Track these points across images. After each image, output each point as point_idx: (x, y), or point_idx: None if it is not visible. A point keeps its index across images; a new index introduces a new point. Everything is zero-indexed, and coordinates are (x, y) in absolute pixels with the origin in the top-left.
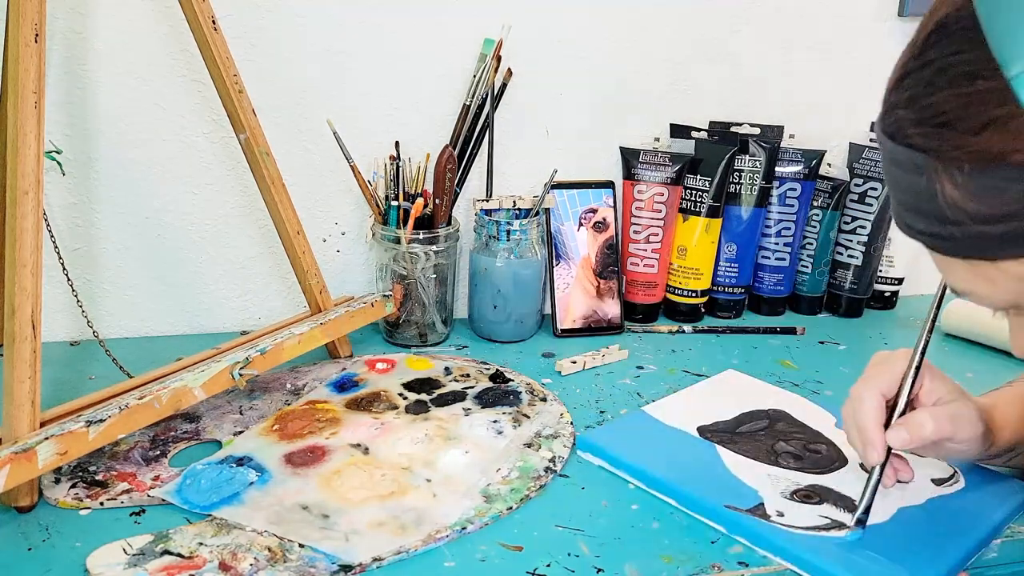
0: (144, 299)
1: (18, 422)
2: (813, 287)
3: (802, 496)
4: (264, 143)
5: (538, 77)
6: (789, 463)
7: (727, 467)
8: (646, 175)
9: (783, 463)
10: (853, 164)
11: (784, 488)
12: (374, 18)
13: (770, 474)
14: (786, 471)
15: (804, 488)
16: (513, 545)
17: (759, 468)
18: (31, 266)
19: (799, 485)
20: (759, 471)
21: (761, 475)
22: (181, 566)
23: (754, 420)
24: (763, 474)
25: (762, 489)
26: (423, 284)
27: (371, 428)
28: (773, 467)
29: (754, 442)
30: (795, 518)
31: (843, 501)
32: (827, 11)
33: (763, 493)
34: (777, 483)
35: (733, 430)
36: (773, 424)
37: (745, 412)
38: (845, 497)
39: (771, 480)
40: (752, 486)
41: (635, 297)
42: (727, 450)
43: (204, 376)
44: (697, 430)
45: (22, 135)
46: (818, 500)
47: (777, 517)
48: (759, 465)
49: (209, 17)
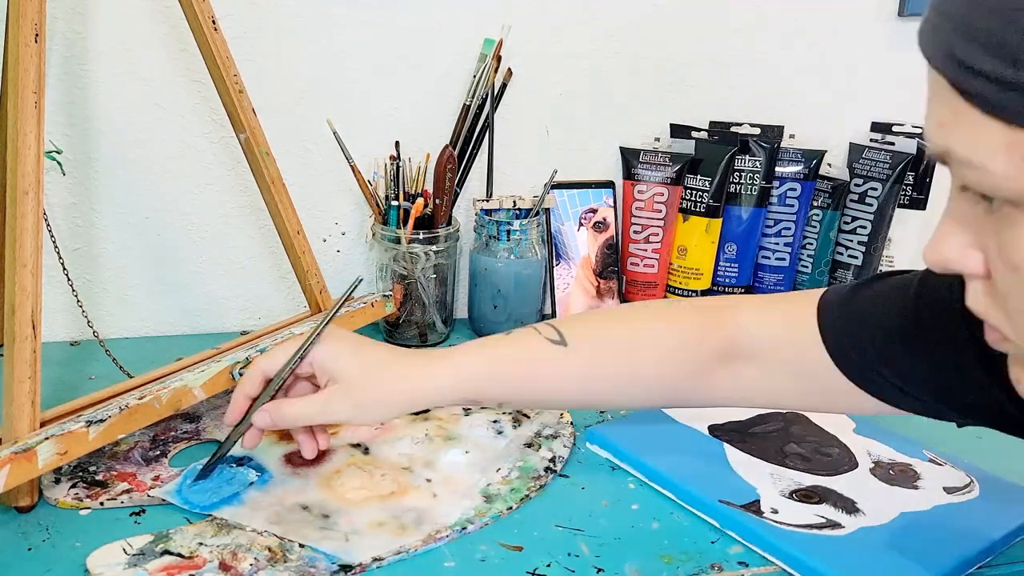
0: (144, 299)
1: (18, 422)
2: (813, 287)
3: (801, 496)
4: (264, 143)
5: (538, 77)
6: (796, 464)
7: (731, 464)
8: (646, 175)
9: (790, 463)
10: (853, 164)
11: (784, 487)
12: (374, 18)
13: (773, 473)
14: (790, 471)
15: (805, 488)
16: (513, 545)
17: (763, 467)
18: (31, 266)
19: (800, 485)
20: (763, 470)
21: (764, 474)
22: (181, 566)
23: (769, 422)
24: (766, 473)
25: (761, 487)
26: (423, 284)
27: (371, 428)
28: (778, 467)
29: (764, 442)
30: (789, 516)
31: (844, 502)
32: (827, 11)
33: (761, 490)
34: (778, 482)
35: (745, 430)
36: (788, 426)
37: (761, 414)
38: (847, 499)
39: (773, 479)
40: (752, 483)
41: (635, 297)
42: (735, 448)
43: (204, 376)
44: (708, 428)
45: (22, 135)
46: (818, 500)
47: (771, 514)
48: (764, 464)
49: (209, 17)
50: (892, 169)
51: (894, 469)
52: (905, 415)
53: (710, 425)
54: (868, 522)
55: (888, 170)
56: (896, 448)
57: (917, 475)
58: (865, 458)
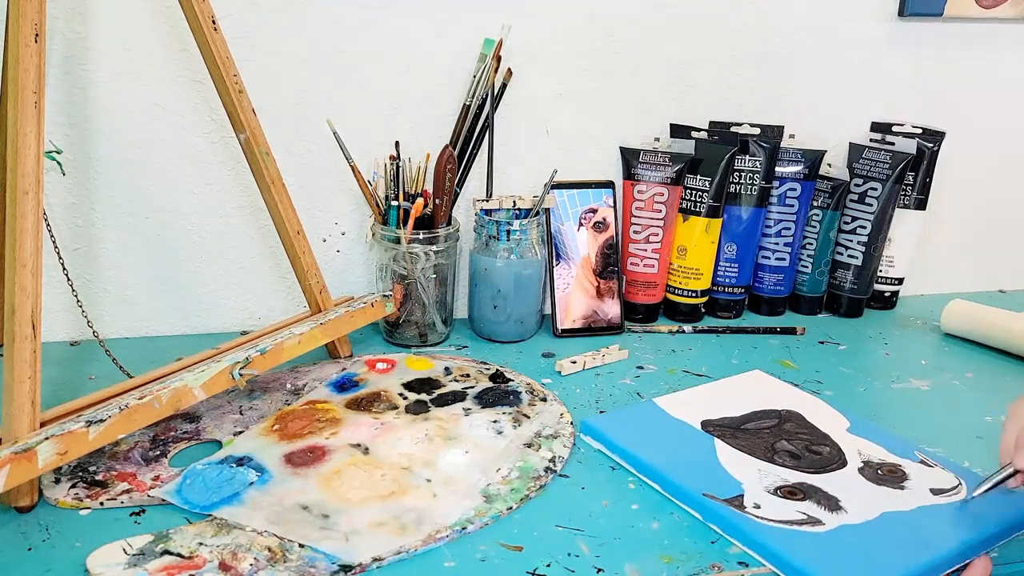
0: (144, 299)
1: (18, 422)
2: (813, 287)
3: (786, 492)
4: (264, 143)
5: (538, 77)
6: (785, 461)
7: (719, 459)
8: (646, 175)
9: (779, 460)
10: (853, 164)
11: (770, 483)
12: (374, 18)
13: (760, 469)
14: (778, 468)
15: (790, 485)
16: (513, 545)
17: (752, 463)
18: (31, 266)
19: (786, 482)
20: (751, 466)
21: (751, 469)
22: (181, 566)
23: (763, 418)
24: (754, 469)
25: (746, 482)
26: (423, 284)
27: (371, 428)
28: (767, 463)
29: (756, 438)
30: (770, 511)
31: (828, 500)
32: (827, 11)
33: (746, 486)
34: (765, 478)
35: (737, 426)
36: (782, 423)
37: (756, 411)
38: (831, 497)
39: (760, 475)
40: (737, 478)
41: (635, 297)
42: (725, 444)
43: (204, 376)
44: (701, 423)
45: (22, 135)
46: (802, 497)
47: (753, 509)
48: (753, 460)
49: (209, 17)
50: (892, 169)
51: (883, 469)
52: (901, 415)
53: (703, 420)
54: (849, 520)
55: (888, 170)
56: (888, 448)
57: (905, 475)
58: (855, 457)
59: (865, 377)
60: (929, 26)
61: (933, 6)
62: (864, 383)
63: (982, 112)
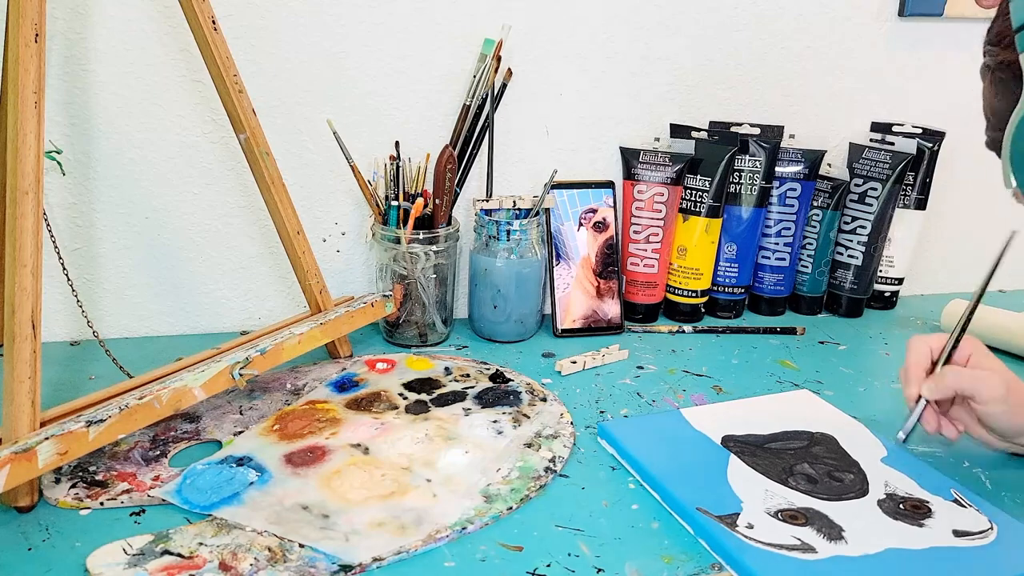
0: (144, 299)
1: (18, 422)
2: (813, 287)
3: (787, 516)
4: (264, 143)
5: (538, 77)
6: (799, 484)
7: (727, 475)
8: (646, 175)
9: (792, 483)
10: (853, 164)
11: (773, 505)
12: (374, 18)
13: (768, 489)
14: (788, 490)
15: (794, 509)
16: (513, 545)
17: (761, 482)
18: (31, 266)
19: (792, 505)
20: (759, 485)
21: (758, 489)
22: (181, 566)
23: (791, 439)
24: (762, 488)
25: (748, 501)
26: (423, 284)
27: (371, 428)
28: (778, 484)
29: (775, 458)
30: (763, 533)
31: (829, 529)
32: (827, 11)
33: (746, 504)
34: (770, 499)
35: (761, 444)
36: (811, 446)
37: (787, 430)
38: (835, 525)
39: (766, 495)
40: (739, 496)
41: (635, 297)
42: (740, 461)
43: (204, 376)
44: (722, 438)
45: (22, 135)
46: (803, 522)
47: (744, 528)
48: (764, 480)
49: (209, 17)
50: (892, 169)
51: (906, 504)
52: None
53: (725, 435)
54: (846, 551)
55: (888, 170)
56: (920, 483)
57: (929, 513)
58: (879, 488)
59: (865, 377)
60: (929, 26)
61: (933, 6)
62: (864, 383)
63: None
